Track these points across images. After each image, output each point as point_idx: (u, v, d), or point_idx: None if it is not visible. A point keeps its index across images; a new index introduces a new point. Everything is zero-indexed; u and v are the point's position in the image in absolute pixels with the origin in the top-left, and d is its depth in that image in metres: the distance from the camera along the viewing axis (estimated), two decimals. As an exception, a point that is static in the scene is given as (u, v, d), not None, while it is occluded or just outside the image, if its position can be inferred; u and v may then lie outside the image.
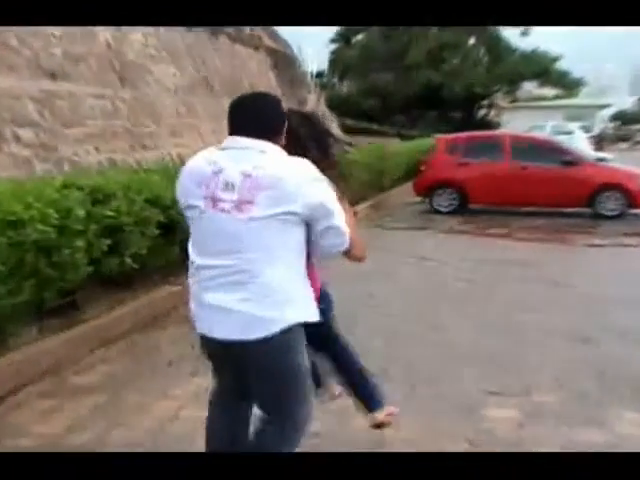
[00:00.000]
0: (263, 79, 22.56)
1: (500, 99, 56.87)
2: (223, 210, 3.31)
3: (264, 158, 3.35)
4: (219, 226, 3.33)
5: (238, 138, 3.43)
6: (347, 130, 31.94)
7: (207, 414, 3.88)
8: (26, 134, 9.76)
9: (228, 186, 3.31)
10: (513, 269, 10.85)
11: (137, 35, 14.61)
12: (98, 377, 6.17)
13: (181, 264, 8.34)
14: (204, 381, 5.66)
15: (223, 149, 3.46)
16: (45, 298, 6.46)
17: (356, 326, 7.10)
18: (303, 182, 3.29)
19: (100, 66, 12.64)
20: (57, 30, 11.52)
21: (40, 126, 10.16)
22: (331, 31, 56.25)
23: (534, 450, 4.76)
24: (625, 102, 51.34)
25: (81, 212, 6.66)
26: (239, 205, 3.28)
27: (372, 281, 9.43)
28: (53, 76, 10.99)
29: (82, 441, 4.91)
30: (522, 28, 53.63)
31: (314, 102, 27.29)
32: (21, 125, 9.72)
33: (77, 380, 6.08)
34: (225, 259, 3.34)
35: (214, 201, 3.34)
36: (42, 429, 5.11)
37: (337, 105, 38.91)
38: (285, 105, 3.67)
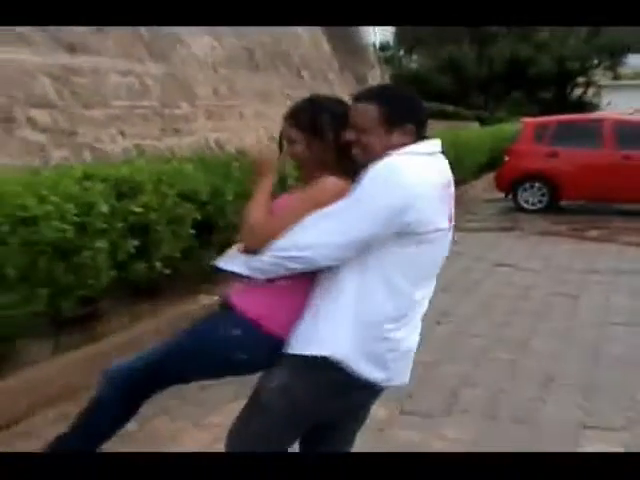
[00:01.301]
0: (317, 52, 22.56)
1: (599, 76, 56.29)
2: (450, 229, 3.42)
3: None
4: (444, 248, 3.42)
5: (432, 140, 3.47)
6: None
7: None
8: (41, 116, 9.88)
9: (450, 199, 3.41)
10: (616, 279, 10.77)
11: (170, 1, 14.70)
12: (122, 401, 6.21)
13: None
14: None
15: (432, 154, 3.42)
16: (62, 308, 6.50)
17: (425, 350, 7.13)
18: None
19: (127, 37, 12.75)
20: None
21: (57, 107, 10.28)
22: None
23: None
24: None
25: (104, 208, 6.68)
26: (450, 220, 3.41)
27: (447, 295, 9.38)
28: (73, 49, 11.11)
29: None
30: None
31: (377, 79, 27.29)
32: (35, 106, 9.84)
33: (98, 404, 6.13)
34: (429, 287, 3.47)
35: (450, 219, 3.40)
36: (57, 460, 5.15)
37: (404, 83, 38.87)
38: (343, 83, 3.69)
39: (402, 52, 57.52)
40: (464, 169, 20.14)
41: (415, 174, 3.22)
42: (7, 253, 5.65)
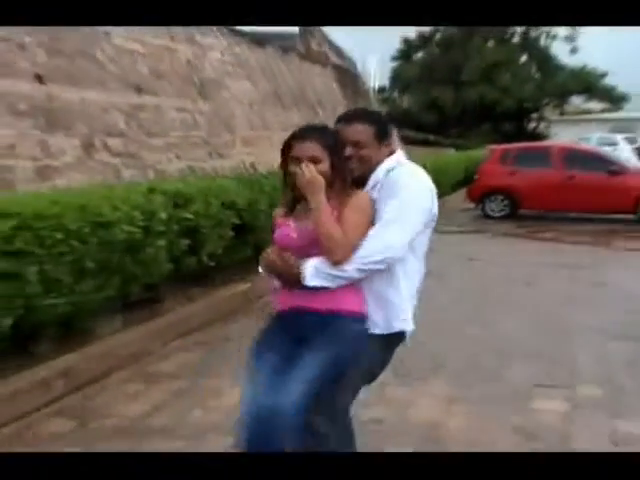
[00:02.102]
0: (329, 94, 22.56)
1: (549, 112, 56.29)
2: None
3: None
4: None
5: None
6: (406, 141, 31.86)
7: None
8: (114, 143, 9.89)
9: None
10: (561, 270, 10.74)
11: (215, 53, 14.74)
12: (177, 364, 6.22)
13: (252, 263, 8.40)
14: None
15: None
16: (130, 292, 6.54)
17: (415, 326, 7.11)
18: None
19: (181, 81, 12.76)
20: (142, 48, 11.68)
21: (127, 136, 10.28)
22: (393, 47, 56.21)
23: (580, 440, 4.70)
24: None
25: (163, 214, 6.72)
26: None
27: (431, 282, 9.36)
28: (139, 90, 11.12)
29: (162, 422, 4.97)
30: (571, 46, 53.25)
31: (376, 115, 27.15)
32: (110, 135, 9.85)
33: (159, 367, 6.14)
34: None
35: None
36: (126, 411, 5.17)
37: (397, 118, 38.79)
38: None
39: (396, 94, 57.42)
40: (443, 185, 20.16)
41: (426, 176, 3.32)
42: (88, 250, 5.67)
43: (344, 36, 29.36)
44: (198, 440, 4.67)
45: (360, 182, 3.27)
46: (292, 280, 3.16)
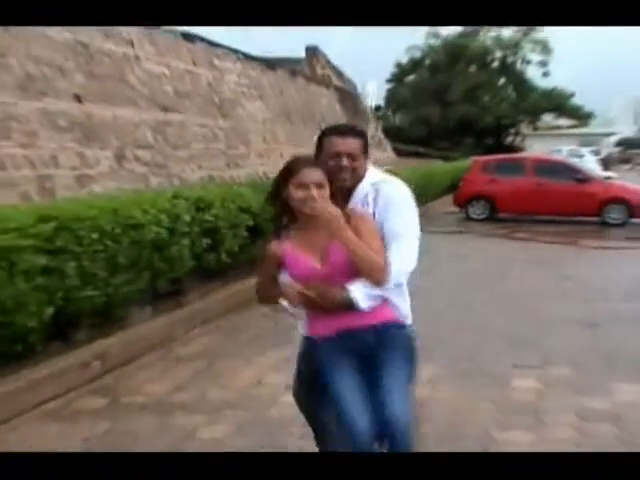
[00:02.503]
0: (332, 112, 22.54)
1: (524, 128, 56.30)
2: None
3: None
4: None
5: None
6: (399, 153, 31.86)
7: None
8: (143, 154, 9.89)
9: None
10: (535, 265, 10.76)
11: (232, 76, 14.75)
12: (198, 348, 6.21)
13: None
14: (280, 354, 5.71)
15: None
16: (157, 286, 6.53)
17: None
18: None
19: (203, 101, 12.75)
20: (168, 71, 11.68)
21: (154, 148, 10.28)
22: (388, 71, 56.25)
23: (550, 414, 4.68)
24: (629, 131, 50.48)
25: (187, 217, 6.73)
26: None
27: (418, 274, 9.34)
28: (165, 109, 11.12)
29: (185, 399, 4.96)
30: (543, 70, 53.37)
31: (373, 130, 27.23)
32: (139, 147, 9.85)
33: (182, 350, 6.13)
34: None
35: None
36: (154, 389, 5.17)
37: (391, 133, 38.76)
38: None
39: (390, 112, 57.39)
40: (432, 191, 20.16)
41: (407, 188, 3.21)
42: (120, 248, 5.68)
43: (347, 59, 29.33)
44: (215, 415, 4.67)
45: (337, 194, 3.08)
46: (329, 307, 2.95)
